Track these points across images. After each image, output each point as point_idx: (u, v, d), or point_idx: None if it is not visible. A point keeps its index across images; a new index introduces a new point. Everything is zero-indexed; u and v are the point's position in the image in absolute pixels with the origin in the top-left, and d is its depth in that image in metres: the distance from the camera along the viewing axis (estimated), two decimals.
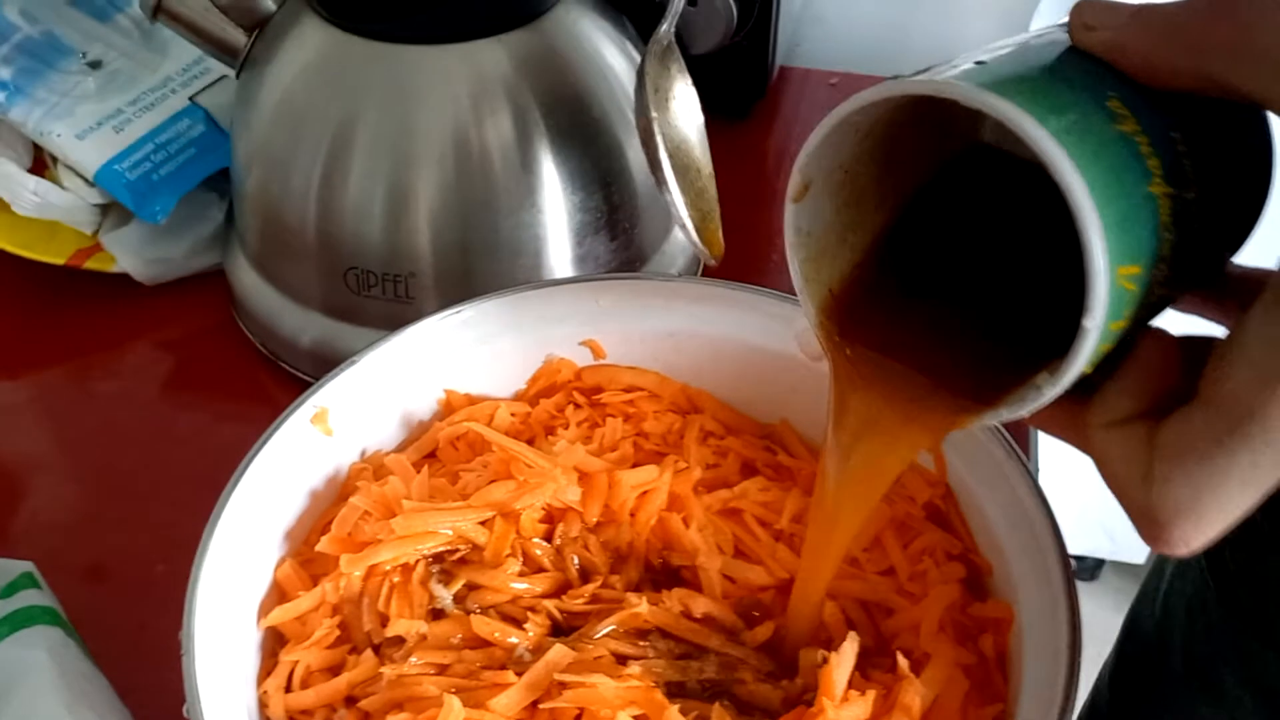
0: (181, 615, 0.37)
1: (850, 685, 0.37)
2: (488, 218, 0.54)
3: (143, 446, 0.59)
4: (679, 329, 0.49)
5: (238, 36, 0.58)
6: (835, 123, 0.29)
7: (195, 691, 0.35)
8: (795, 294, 0.33)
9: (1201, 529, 0.25)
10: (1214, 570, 0.48)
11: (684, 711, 0.37)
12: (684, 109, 0.48)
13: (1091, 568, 1.54)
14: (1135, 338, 0.27)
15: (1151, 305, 0.27)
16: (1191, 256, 0.27)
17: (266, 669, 0.41)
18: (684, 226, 0.46)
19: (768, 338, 0.48)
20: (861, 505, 0.35)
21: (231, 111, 0.62)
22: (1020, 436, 0.57)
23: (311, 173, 0.55)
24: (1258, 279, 0.29)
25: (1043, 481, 0.41)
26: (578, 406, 0.49)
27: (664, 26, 0.48)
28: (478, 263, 0.55)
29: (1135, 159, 0.25)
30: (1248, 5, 0.24)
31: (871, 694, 0.36)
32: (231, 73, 0.60)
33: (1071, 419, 0.29)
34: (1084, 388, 0.27)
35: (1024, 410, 0.28)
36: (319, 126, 0.54)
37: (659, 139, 0.45)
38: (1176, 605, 0.52)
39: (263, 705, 0.40)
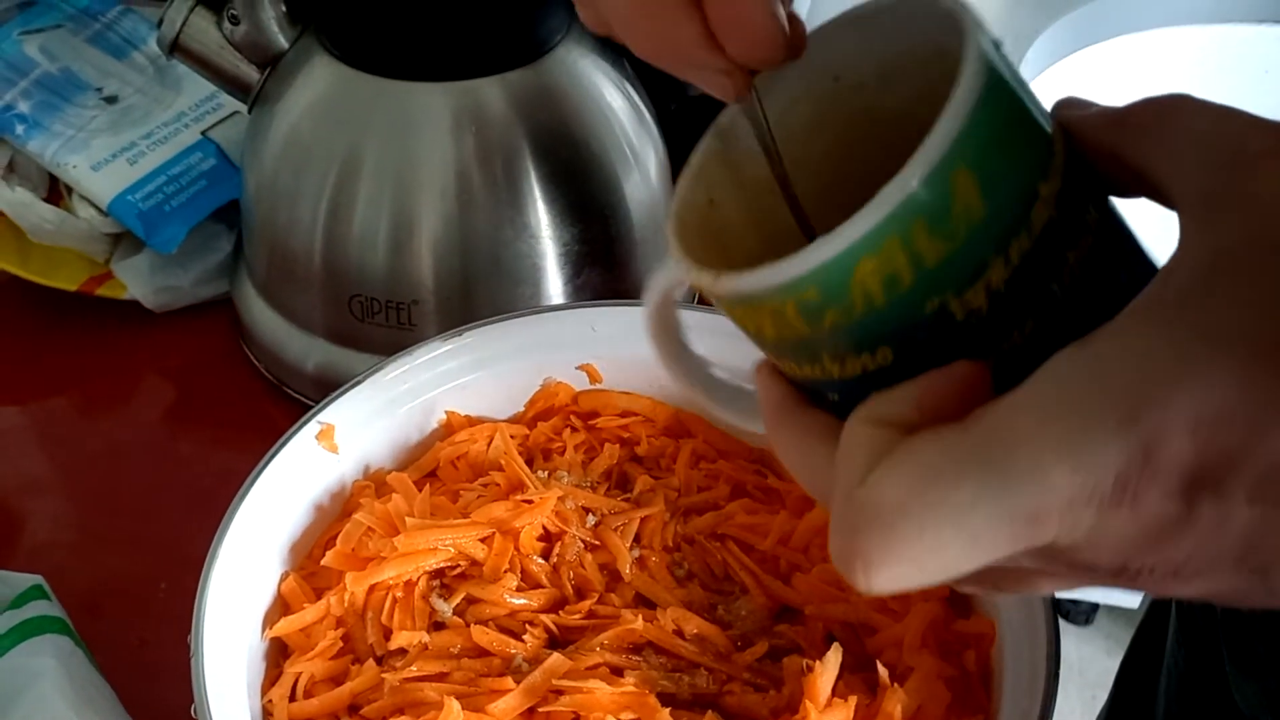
0: (184, 632, 0.38)
1: (834, 695, 0.38)
2: (488, 248, 0.56)
3: (148, 469, 0.60)
4: None
5: (250, 73, 0.60)
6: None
7: (203, 689, 0.36)
8: None
9: (891, 553, 0.21)
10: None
11: (675, 718, 0.38)
12: None
13: (1086, 612, 1.54)
14: (947, 353, 0.24)
15: (979, 289, 0.24)
16: (1035, 291, 0.25)
17: (271, 679, 0.42)
18: None
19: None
20: None
21: (242, 145, 0.64)
22: None
23: (318, 204, 0.57)
24: None
25: None
26: (574, 430, 0.50)
27: None
28: (479, 291, 0.57)
29: (1044, 153, 0.25)
30: (1174, 107, 0.25)
31: (854, 700, 0.38)
32: (244, 108, 0.62)
33: (808, 417, 0.26)
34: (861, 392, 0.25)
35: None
36: (326, 159, 0.56)
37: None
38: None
39: (267, 714, 0.41)
